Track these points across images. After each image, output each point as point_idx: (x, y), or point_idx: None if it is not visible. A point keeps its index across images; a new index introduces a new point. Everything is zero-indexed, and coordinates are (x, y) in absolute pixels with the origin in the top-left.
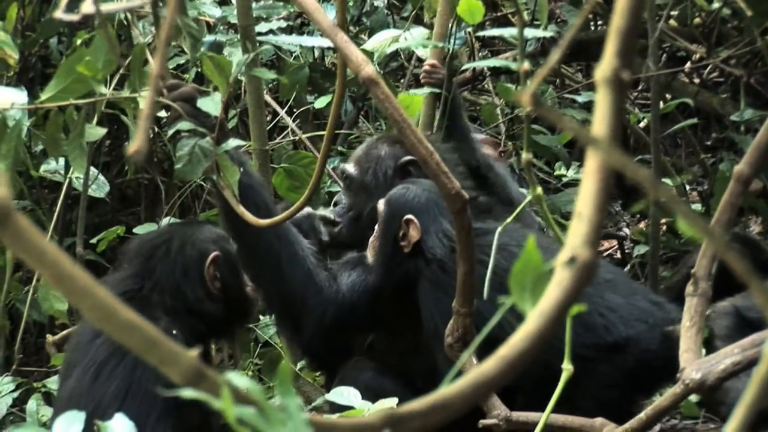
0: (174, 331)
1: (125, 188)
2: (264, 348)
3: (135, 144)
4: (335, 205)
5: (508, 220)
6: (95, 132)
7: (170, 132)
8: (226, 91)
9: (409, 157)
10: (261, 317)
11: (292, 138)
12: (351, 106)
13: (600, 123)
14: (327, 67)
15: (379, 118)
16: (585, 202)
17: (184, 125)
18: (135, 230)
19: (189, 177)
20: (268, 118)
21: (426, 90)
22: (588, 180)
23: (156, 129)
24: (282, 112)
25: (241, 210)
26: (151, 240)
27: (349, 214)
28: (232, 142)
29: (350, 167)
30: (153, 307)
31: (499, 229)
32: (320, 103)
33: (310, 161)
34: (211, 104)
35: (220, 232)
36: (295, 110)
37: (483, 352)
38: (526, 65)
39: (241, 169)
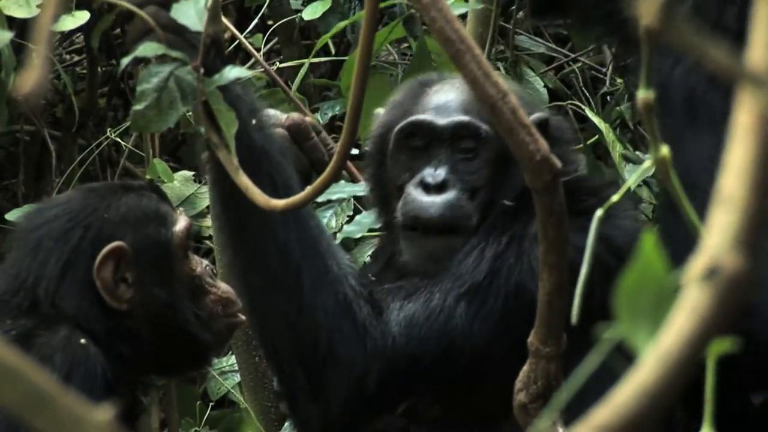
0: (82, 341)
1: None
2: (217, 409)
3: (29, 77)
4: (439, 188)
5: (614, 198)
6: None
7: (125, 61)
8: None
9: (545, 115)
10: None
11: (265, 69)
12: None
13: (759, 46)
14: None
15: (409, 39)
16: (735, 176)
17: (152, 48)
18: (9, 216)
19: (153, 127)
20: (227, 36)
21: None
22: (740, 140)
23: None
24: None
25: (245, 183)
26: (39, 214)
27: (475, 202)
28: (231, 72)
29: (476, 119)
30: (38, 316)
31: (599, 212)
32: (312, 11)
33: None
34: (193, 12)
35: (155, 208)
36: (270, 23)
37: (571, 414)
38: None
39: (253, 121)
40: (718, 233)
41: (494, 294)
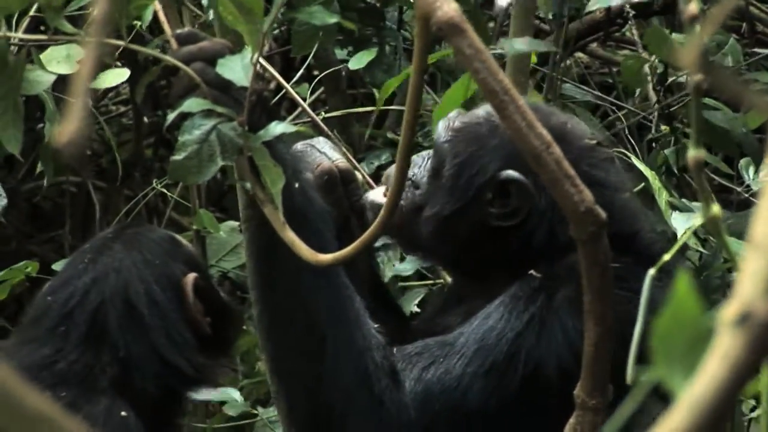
0: (123, 413)
1: (39, 200)
2: None
3: (67, 128)
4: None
5: (666, 257)
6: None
7: (171, 116)
8: (258, 47)
9: (515, 174)
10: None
11: (309, 117)
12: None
13: None
14: (368, 1)
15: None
16: (766, 223)
17: (198, 104)
18: (55, 266)
19: (190, 179)
20: (273, 85)
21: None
22: None
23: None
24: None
25: (291, 238)
26: (67, 280)
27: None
28: (276, 128)
29: (443, 133)
30: (84, 382)
31: (652, 271)
32: (358, 61)
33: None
34: (239, 68)
35: (174, 240)
36: (316, 73)
37: None
38: (694, 4)
39: (296, 184)
40: (750, 279)
41: (511, 375)
